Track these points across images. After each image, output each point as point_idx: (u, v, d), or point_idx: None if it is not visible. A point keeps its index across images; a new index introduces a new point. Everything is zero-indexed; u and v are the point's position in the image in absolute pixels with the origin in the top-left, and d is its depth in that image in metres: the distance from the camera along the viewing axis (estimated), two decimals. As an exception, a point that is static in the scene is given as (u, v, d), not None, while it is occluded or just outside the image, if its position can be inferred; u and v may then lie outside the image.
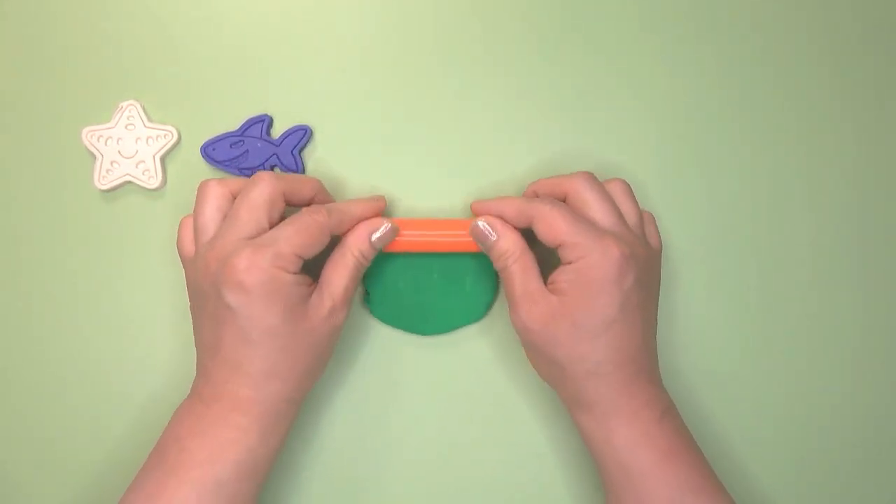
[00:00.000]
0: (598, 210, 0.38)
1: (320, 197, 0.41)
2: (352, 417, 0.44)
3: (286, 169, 0.44)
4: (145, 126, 0.44)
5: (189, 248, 0.39)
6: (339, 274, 0.38)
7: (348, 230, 0.39)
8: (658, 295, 0.40)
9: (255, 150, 0.44)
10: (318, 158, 0.45)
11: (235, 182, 0.39)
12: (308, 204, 0.40)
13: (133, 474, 0.38)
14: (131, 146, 0.44)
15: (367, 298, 0.44)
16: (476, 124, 0.45)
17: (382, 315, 0.44)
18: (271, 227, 0.37)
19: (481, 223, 0.39)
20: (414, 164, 0.45)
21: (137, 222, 0.45)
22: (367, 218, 0.40)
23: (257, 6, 0.46)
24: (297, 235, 0.36)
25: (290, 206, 0.39)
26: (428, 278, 0.43)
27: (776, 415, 0.44)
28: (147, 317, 0.44)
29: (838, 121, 0.45)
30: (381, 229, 0.39)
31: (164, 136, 0.44)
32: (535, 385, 0.44)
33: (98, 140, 0.44)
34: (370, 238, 0.39)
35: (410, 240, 0.40)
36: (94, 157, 0.44)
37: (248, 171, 0.44)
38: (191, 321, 0.39)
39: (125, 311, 0.44)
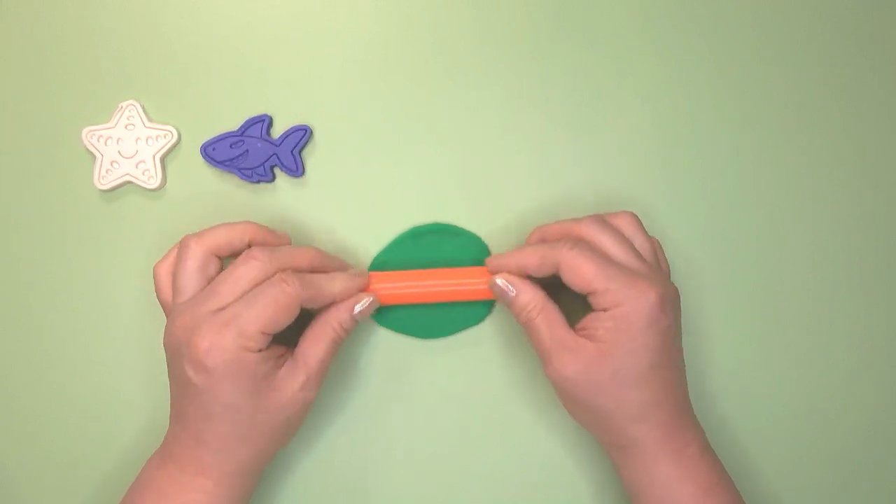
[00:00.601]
0: (617, 253, 0.37)
1: (316, 264, 0.39)
2: (353, 421, 0.44)
3: (286, 169, 0.44)
4: (145, 126, 0.44)
5: (167, 297, 0.39)
6: (317, 347, 0.37)
7: (323, 305, 0.38)
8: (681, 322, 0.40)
9: (255, 150, 0.44)
10: (318, 158, 0.45)
11: (218, 237, 0.38)
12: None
13: (133, 474, 0.38)
14: (131, 146, 0.44)
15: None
16: (476, 124, 0.45)
17: (383, 319, 0.44)
18: None
19: (500, 281, 0.38)
20: (414, 163, 0.45)
21: (137, 222, 0.45)
22: (345, 297, 0.38)
23: (257, 6, 0.46)
24: (265, 310, 0.35)
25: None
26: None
27: (777, 415, 0.44)
28: (147, 317, 0.44)
29: (843, 128, 0.45)
30: (363, 303, 0.39)
31: (164, 136, 0.44)
32: (537, 387, 0.44)
33: (98, 140, 0.44)
34: (352, 311, 0.38)
35: (410, 291, 0.40)
36: (94, 157, 0.44)
37: (247, 172, 0.44)
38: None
39: (125, 310, 0.44)
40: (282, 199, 0.45)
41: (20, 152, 0.45)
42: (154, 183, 0.44)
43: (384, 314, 0.43)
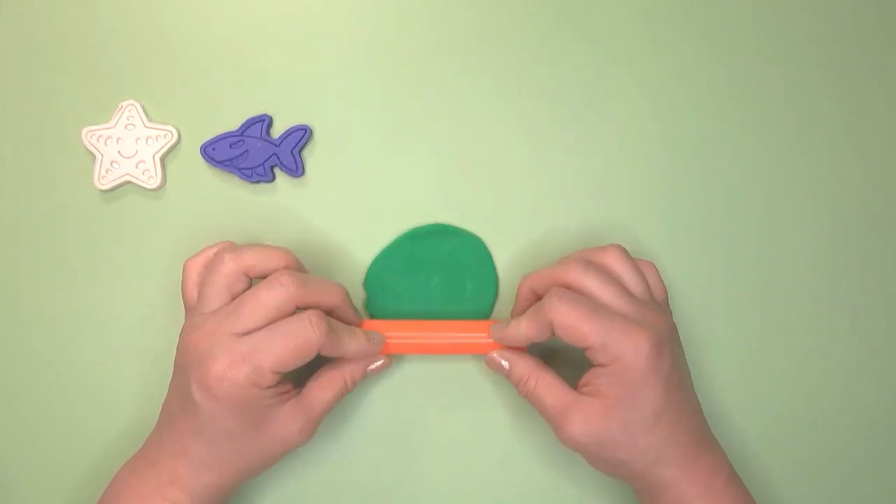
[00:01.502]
0: (607, 297, 0.36)
1: (341, 307, 0.39)
2: (352, 423, 0.44)
3: (286, 169, 0.44)
4: (145, 126, 0.44)
5: (193, 296, 0.39)
6: (323, 394, 0.38)
7: (336, 356, 0.38)
8: (682, 349, 0.40)
9: (255, 149, 0.44)
10: (318, 158, 0.45)
11: (254, 258, 0.37)
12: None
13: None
14: (131, 146, 0.44)
15: (368, 303, 0.44)
16: (476, 124, 0.45)
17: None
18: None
19: (495, 355, 0.39)
20: (414, 163, 0.45)
21: (137, 222, 0.45)
22: (356, 358, 0.39)
23: (257, 6, 0.46)
24: (283, 350, 0.35)
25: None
26: (428, 284, 0.43)
27: (777, 415, 0.44)
28: (147, 317, 0.44)
29: (843, 128, 0.45)
30: (377, 364, 0.40)
31: (164, 136, 0.44)
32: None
33: (98, 140, 0.44)
34: (366, 369, 0.40)
35: (410, 343, 0.40)
36: (94, 157, 0.44)
37: (247, 171, 0.44)
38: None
39: (125, 310, 0.44)
40: (282, 199, 0.45)
41: (20, 152, 0.45)
42: (154, 183, 0.44)
43: (384, 315, 0.43)
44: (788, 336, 0.44)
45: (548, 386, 0.37)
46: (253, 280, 0.38)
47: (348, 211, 0.45)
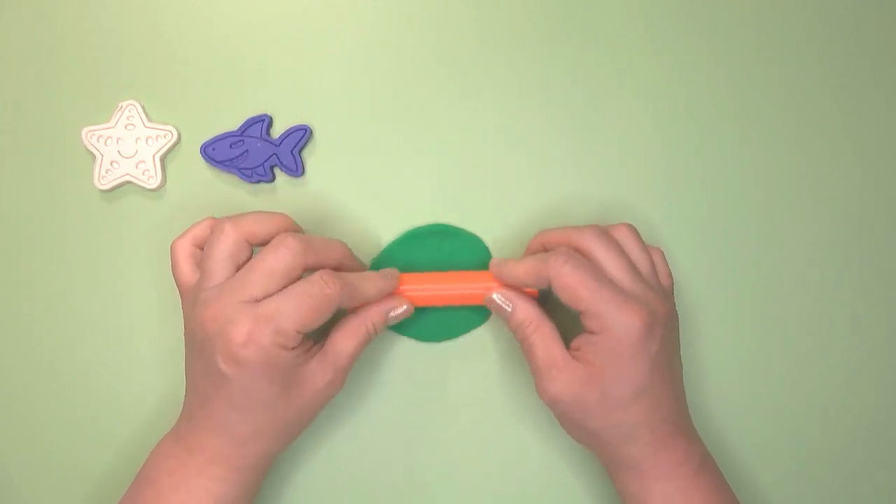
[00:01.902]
0: (612, 269, 0.37)
1: (345, 262, 0.39)
2: (355, 423, 0.44)
3: (286, 169, 0.44)
4: (145, 126, 0.44)
5: (188, 277, 0.38)
6: (347, 344, 0.38)
7: (355, 306, 0.38)
8: (679, 339, 0.40)
9: (255, 149, 0.44)
10: (318, 158, 0.45)
11: (253, 223, 0.37)
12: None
13: (133, 473, 0.38)
14: (131, 146, 0.44)
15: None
16: (476, 124, 0.45)
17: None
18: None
19: (496, 296, 0.39)
20: (414, 164, 0.45)
21: (137, 222, 0.45)
22: (378, 298, 0.39)
23: (257, 6, 0.46)
24: (304, 311, 0.35)
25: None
26: None
27: (776, 411, 0.44)
28: (147, 317, 0.44)
29: (843, 127, 0.45)
30: (401, 310, 0.39)
31: (164, 136, 0.44)
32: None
33: (98, 140, 0.44)
34: (388, 315, 0.39)
35: (431, 294, 0.40)
36: (94, 157, 0.44)
37: (247, 171, 0.44)
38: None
39: (125, 310, 0.44)
40: (282, 199, 0.45)
41: (20, 152, 0.45)
42: (154, 183, 0.44)
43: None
44: (788, 336, 0.44)
45: (543, 337, 0.37)
46: (254, 248, 0.38)
47: (348, 211, 0.45)
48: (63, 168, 0.45)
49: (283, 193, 0.45)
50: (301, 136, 0.44)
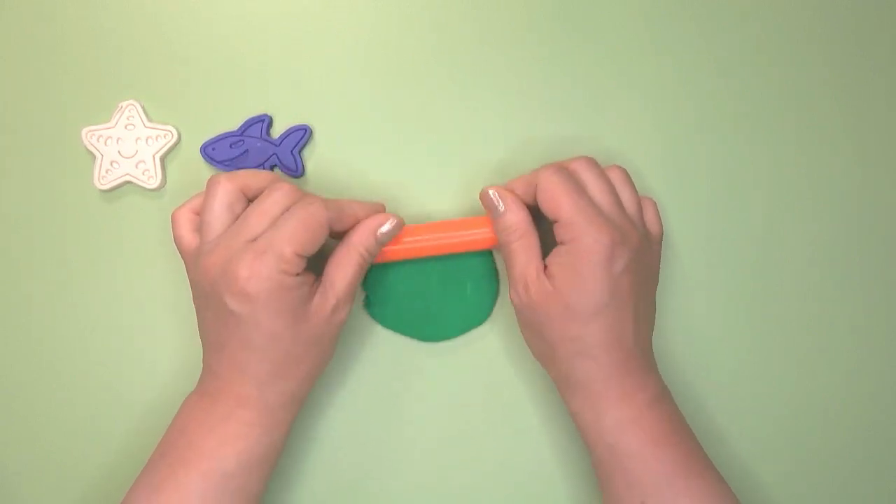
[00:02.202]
0: (596, 192, 0.38)
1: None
2: (354, 423, 0.44)
3: (286, 169, 0.44)
4: (145, 126, 0.44)
5: (189, 241, 0.39)
6: (344, 272, 0.38)
7: (348, 227, 0.39)
8: (656, 282, 0.41)
9: (255, 149, 0.44)
10: (318, 158, 0.45)
11: (246, 177, 0.38)
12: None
13: (133, 473, 0.38)
14: (131, 146, 0.44)
15: (367, 303, 0.44)
16: (476, 123, 0.45)
17: (384, 320, 0.44)
18: None
19: (491, 191, 0.39)
20: (414, 163, 0.45)
21: (137, 222, 0.45)
22: (364, 215, 0.39)
23: (257, 6, 0.46)
24: (298, 233, 0.36)
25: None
26: (427, 284, 0.43)
27: (776, 411, 0.44)
28: (147, 316, 0.44)
29: (838, 117, 0.45)
30: (388, 224, 0.39)
31: (164, 136, 0.44)
32: (539, 388, 0.44)
33: (98, 140, 0.44)
34: (376, 233, 0.39)
35: (413, 246, 0.40)
36: (94, 157, 0.45)
37: (247, 171, 0.44)
38: (191, 319, 0.39)
39: (125, 310, 0.44)
40: (282, 199, 0.45)
41: (20, 152, 0.45)
42: (154, 183, 0.44)
43: (387, 316, 0.43)
44: (788, 336, 0.44)
45: (525, 248, 0.38)
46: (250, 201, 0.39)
47: (348, 211, 0.45)
48: (63, 168, 0.45)
49: (283, 193, 0.45)
50: (301, 136, 0.44)
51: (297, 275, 0.36)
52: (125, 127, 0.45)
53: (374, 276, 0.43)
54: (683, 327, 0.44)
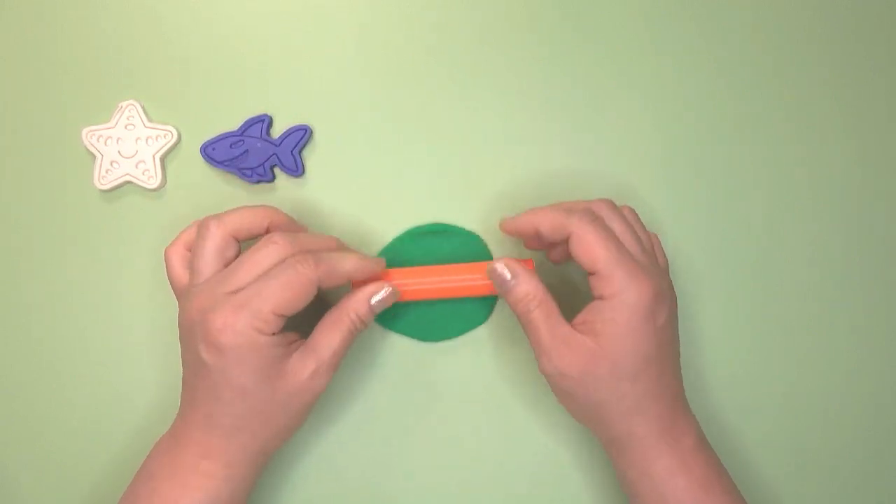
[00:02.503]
0: (624, 239, 0.37)
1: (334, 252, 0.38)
2: (354, 422, 0.44)
3: (286, 169, 0.44)
4: (145, 126, 0.44)
5: (181, 281, 0.38)
6: (331, 337, 0.37)
7: (340, 285, 0.37)
8: (678, 319, 0.40)
9: (255, 149, 0.44)
10: (318, 158, 0.45)
11: (239, 219, 0.37)
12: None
13: (133, 473, 0.38)
14: (131, 146, 0.44)
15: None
16: (476, 124, 0.45)
17: (385, 321, 0.44)
18: None
19: (499, 267, 0.38)
20: (414, 163, 0.45)
21: (137, 222, 0.45)
22: (358, 276, 0.38)
23: (257, 6, 0.46)
24: (281, 292, 0.35)
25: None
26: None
27: (776, 411, 0.44)
28: (147, 317, 0.44)
29: (838, 117, 0.45)
30: (382, 293, 0.38)
31: (164, 136, 0.44)
32: (538, 388, 0.44)
33: (98, 140, 0.44)
34: (370, 301, 0.38)
35: (421, 288, 0.40)
36: (94, 157, 0.45)
37: (247, 172, 0.44)
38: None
39: (125, 310, 0.44)
40: (282, 198, 0.45)
41: (20, 152, 0.45)
42: (154, 183, 0.44)
43: (387, 316, 0.43)
44: (788, 336, 0.44)
45: (547, 313, 0.37)
46: (243, 244, 0.38)
47: (348, 211, 0.45)
48: (63, 168, 0.45)
49: (283, 193, 0.45)
50: (301, 136, 0.44)
51: (274, 334, 0.35)
52: (125, 127, 0.45)
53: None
54: (683, 327, 0.43)
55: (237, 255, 0.37)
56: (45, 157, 0.45)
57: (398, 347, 0.44)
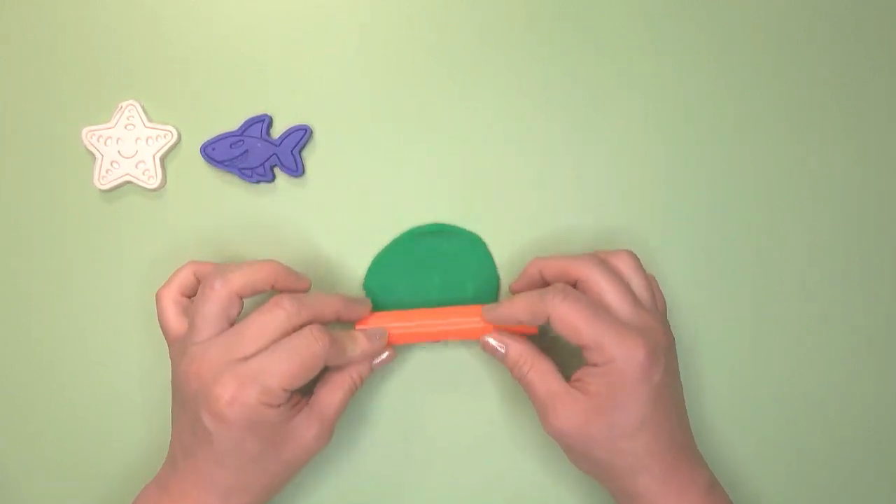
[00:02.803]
0: (613, 298, 0.36)
1: (342, 314, 0.39)
2: (354, 422, 0.44)
3: (286, 169, 0.44)
4: (145, 126, 0.44)
5: (175, 328, 0.38)
6: (334, 396, 0.38)
7: (344, 364, 0.38)
8: (678, 362, 0.39)
9: (255, 149, 0.44)
10: (318, 158, 0.45)
11: (243, 278, 0.37)
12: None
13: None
14: (131, 146, 0.44)
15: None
16: (476, 124, 0.45)
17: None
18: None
19: (491, 339, 0.39)
20: (414, 163, 0.45)
21: (137, 222, 0.45)
22: (365, 359, 0.39)
23: (257, 6, 0.46)
24: (290, 368, 0.35)
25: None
26: (428, 284, 0.43)
27: (776, 411, 0.44)
28: (147, 317, 0.44)
29: (838, 117, 0.45)
30: (383, 356, 0.40)
31: (164, 136, 0.44)
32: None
33: (98, 140, 0.44)
34: (372, 362, 0.40)
35: (419, 331, 0.40)
36: (94, 157, 0.45)
37: (247, 172, 0.44)
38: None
39: (125, 310, 0.44)
40: (282, 198, 0.45)
41: (20, 152, 0.45)
42: (154, 183, 0.44)
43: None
44: (788, 336, 0.44)
45: (541, 373, 0.37)
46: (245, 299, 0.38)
47: (348, 211, 0.45)
48: (63, 168, 0.45)
49: (283, 193, 0.45)
50: (301, 136, 0.44)
51: (280, 405, 0.35)
52: (125, 127, 0.45)
53: (375, 278, 0.43)
54: (680, 329, 0.43)
55: (240, 314, 0.37)
56: (45, 157, 0.45)
57: (398, 348, 0.44)
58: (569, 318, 0.35)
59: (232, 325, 0.37)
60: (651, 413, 0.35)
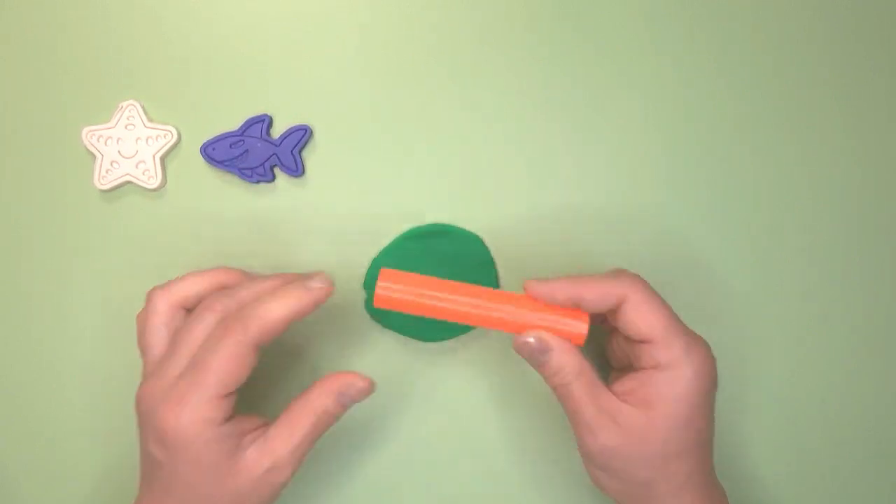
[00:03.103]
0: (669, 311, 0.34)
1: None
2: (353, 422, 0.44)
3: (286, 169, 0.44)
4: (145, 126, 0.45)
5: (142, 347, 0.36)
6: (290, 431, 0.34)
7: (277, 334, 0.34)
8: None
9: (255, 149, 0.44)
10: (318, 158, 0.45)
11: (184, 288, 0.35)
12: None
13: (133, 473, 0.38)
14: (131, 146, 0.44)
15: (367, 304, 0.44)
16: (476, 124, 0.45)
17: (384, 320, 0.44)
18: None
19: (532, 339, 0.34)
20: (414, 163, 0.45)
21: (137, 222, 0.45)
22: (302, 314, 0.34)
23: (257, 6, 0.46)
24: (216, 372, 0.32)
25: None
26: None
27: (776, 411, 0.44)
28: (147, 317, 0.44)
29: (838, 117, 0.45)
30: (355, 388, 0.34)
31: (164, 136, 0.44)
32: (538, 389, 0.43)
33: (98, 140, 0.44)
34: (337, 394, 0.34)
35: (462, 310, 0.35)
36: (94, 157, 0.45)
37: (247, 172, 0.44)
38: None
39: (125, 310, 0.44)
40: (282, 199, 0.45)
41: (20, 152, 0.45)
42: (154, 183, 0.44)
43: (387, 316, 0.43)
44: (788, 336, 0.44)
45: (590, 386, 0.33)
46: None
47: (348, 211, 0.45)
48: (63, 168, 0.45)
49: (283, 193, 0.45)
50: (301, 136, 0.44)
51: (228, 419, 0.33)
52: (125, 127, 0.45)
53: (374, 277, 0.43)
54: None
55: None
56: (45, 157, 0.45)
57: (399, 347, 0.44)
58: (647, 307, 0.32)
59: None
60: (706, 431, 0.33)
